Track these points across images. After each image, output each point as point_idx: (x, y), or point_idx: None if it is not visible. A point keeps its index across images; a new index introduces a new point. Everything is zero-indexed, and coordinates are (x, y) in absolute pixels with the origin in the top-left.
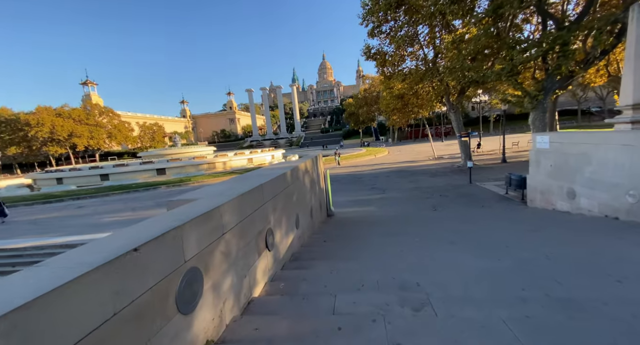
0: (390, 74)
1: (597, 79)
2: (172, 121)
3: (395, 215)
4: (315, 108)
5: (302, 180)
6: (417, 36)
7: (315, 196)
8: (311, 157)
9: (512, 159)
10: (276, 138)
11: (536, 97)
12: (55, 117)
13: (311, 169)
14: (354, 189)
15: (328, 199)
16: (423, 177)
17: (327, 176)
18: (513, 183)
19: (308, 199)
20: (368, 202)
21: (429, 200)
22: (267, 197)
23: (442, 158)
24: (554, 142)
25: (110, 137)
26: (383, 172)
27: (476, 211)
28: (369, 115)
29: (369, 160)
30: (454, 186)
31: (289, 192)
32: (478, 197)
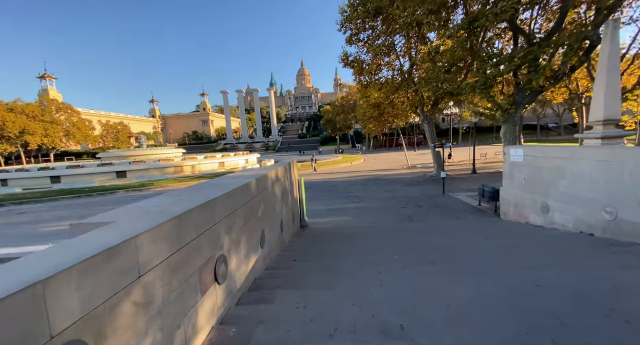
0: (367, 83)
1: (558, 96)
2: (140, 121)
3: (372, 226)
4: (293, 113)
5: (271, 189)
6: (394, 46)
7: (287, 207)
8: (283, 164)
9: (482, 170)
10: (252, 141)
11: (508, 110)
12: (5, 112)
13: (283, 176)
14: (329, 196)
15: (302, 209)
16: (398, 186)
17: (302, 184)
18: (486, 195)
19: (278, 211)
20: (344, 211)
21: (405, 211)
22: (221, 215)
23: (415, 167)
24: (528, 155)
25: (67, 136)
26: (359, 180)
27: (451, 223)
28: (345, 123)
29: (345, 167)
30: (428, 196)
31: (253, 206)
32: (452, 208)
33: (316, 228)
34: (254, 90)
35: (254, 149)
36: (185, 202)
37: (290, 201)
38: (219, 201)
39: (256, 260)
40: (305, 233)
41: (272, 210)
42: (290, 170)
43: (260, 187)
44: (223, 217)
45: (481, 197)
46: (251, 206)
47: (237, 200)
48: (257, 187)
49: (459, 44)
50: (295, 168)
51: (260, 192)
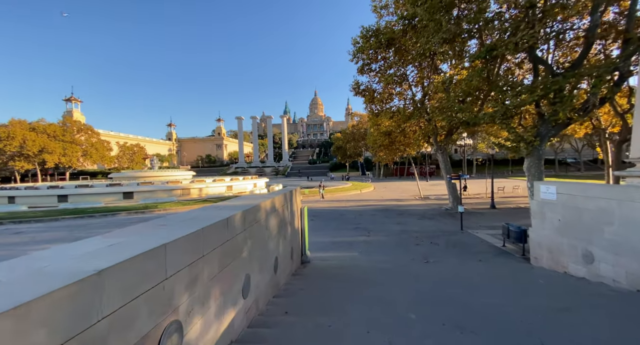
0: (378, 112)
1: (581, 130)
2: (156, 143)
3: (382, 266)
4: (304, 140)
5: (264, 222)
6: (406, 76)
7: (285, 241)
8: (283, 192)
9: (501, 204)
10: (262, 166)
11: (532, 142)
12: (28, 132)
13: (282, 206)
14: (336, 227)
15: (304, 242)
16: (411, 219)
17: (305, 213)
18: (512, 235)
19: (272, 248)
20: (351, 245)
21: (419, 248)
22: (178, 265)
23: (429, 198)
24: (563, 193)
25: (85, 156)
26: (368, 210)
27: (474, 267)
28: (356, 150)
29: (355, 195)
30: (444, 232)
31: (235, 245)
32: (473, 248)
33: (319, 265)
34: (267, 117)
35: (264, 173)
36: (122, 249)
37: (289, 234)
38: (174, 246)
39: (235, 316)
40: (306, 271)
41: (264, 247)
42: (291, 199)
43: (248, 220)
44: (182, 267)
45: (506, 237)
46: (233, 246)
47: (210, 241)
48: (243, 221)
49: (476, 73)
50: (299, 196)
51: (249, 226)
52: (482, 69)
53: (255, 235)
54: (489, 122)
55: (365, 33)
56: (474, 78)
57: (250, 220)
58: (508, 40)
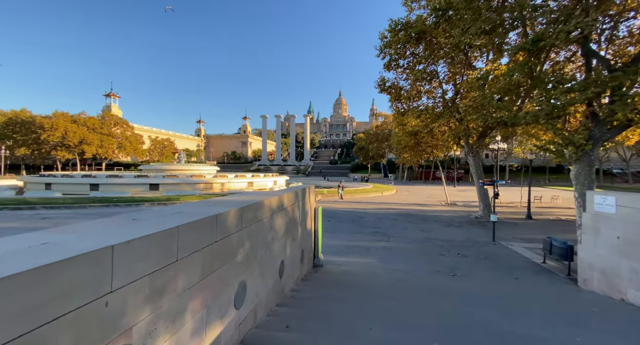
0: (405, 110)
1: (634, 136)
2: (186, 138)
3: (401, 277)
4: (327, 140)
5: (268, 222)
6: (437, 73)
7: (295, 243)
8: (294, 189)
9: (538, 215)
10: (284, 164)
11: (582, 147)
12: (69, 124)
13: (292, 204)
14: (353, 230)
15: (316, 244)
16: (436, 226)
17: (319, 214)
18: (555, 251)
19: (278, 250)
20: (368, 250)
21: (445, 259)
22: (129, 274)
23: (456, 205)
24: (625, 206)
25: (120, 148)
26: (389, 214)
27: (510, 287)
28: (379, 152)
29: (375, 197)
30: (473, 243)
31: (226, 247)
32: (507, 262)
33: (332, 270)
34: (291, 116)
35: (285, 171)
36: (53, 249)
37: (300, 235)
38: (129, 248)
39: (222, 331)
40: (317, 276)
41: (267, 249)
42: (303, 198)
43: (246, 219)
44: (141, 275)
45: (547, 253)
46: (224, 247)
47: (189, 241)
48: (239, 219)
49: (519, 67)
50: (312, 194)
51: (247, 226)
52: (525, 62)
53: (256, 236)
54: (531, 122)
55: (394, 26)
56: (515, 72)
57: (250, 219)
58: (559, 28)
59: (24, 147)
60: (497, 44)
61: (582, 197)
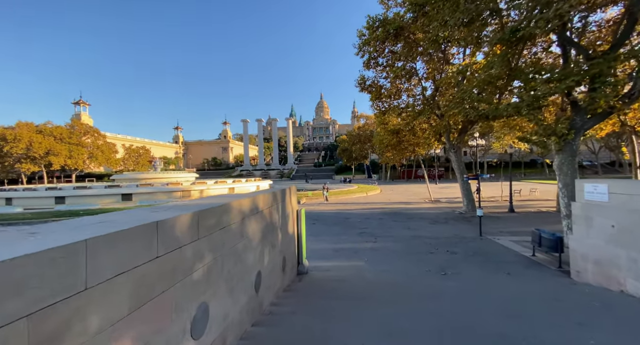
0: (386, 109)
1: (607, 127)
2: (163, 146)
3: (392, 280)
4: (310, 143)
5: (237, 228)
6: (416, 71)
7: (275, 250)
8: (272, 191)
9: (520, 208)
10: (267, 169)
11: (564, 136)
12: (35, 134)
13: (269, 207)
14: (340, 232)
15: (300, 250)
16: (422, 223)
17: (302, 217)
18: (544, 243)
19: (252, 261)
20: (355, 253)
21: (434, 258)
22: None
23: (439, 201)
24: (619, 193)
25: (91, 158)
26: (375, 213)
27: (503, 281)
28: (362, 153)
29: (360, 197)
30: (461, 239)
31: (167, 266)
32: (497, 257)
33: (317, 277)
34: (273, 120)
35: (269, 176)
36: None
37: (280, 241)
38: None
39: None
40: (301, 286)
41: (238, 261)
42: (283, 199)
43: (206, 225)
44: (8, 321)
45: (536, 246)
46: (169, 265)
47: (106, 261)
48: (194, 227)
49: (499, 59)
50: (294, 196)
51: (207, 234)
52: (504, 54)
53: (221, 246)
54: (513, 114)
55: (372, 23)
56: (495, 64)
57: (211, 226)
58: (538, 16)
59: None
60: (476, 36)
61: (567, 187)
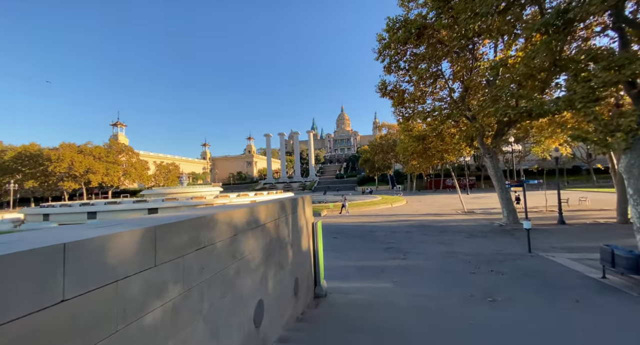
0: (410, 115)
1: None
2: (191, 162)
3: (427, 306)
4: (332, 155)
5: (228, 247)
6: (442, 73)
7: (284, 271)
8: (279, 200)
9: (571, 219)
10: (290, 181)
11: (633, 132)
12: (76, 154)
13: (274, 220)
14: (363, 247)
15: (317, 269)
16: (457, 237)
17: (319, 230)
18: (619, 262)
19: (250, 289)
20: (382, 271)
21: (476, 278)
22: None
23: (474, 213)
24: None
25: (125, 175)
26: (402, 226)
27: (572, 312)
28: (384, 163)
29: (384, 209)
30: (506, 256)
31: (94, 311)
32: (556, 279)
33: (337, 302)
34: (294, 133)
35: (291, 188)
36: None
37: (291, 260)
38: None
39: None
40: (318, 314)
41: (227, 289)
42: (295, 210)
43: (170, 246)
44: None
45: (607, 266)
46: (93, 309)
47: None
48: (144, 248)
49: (543, 47)
50: (308, 207)
51: (174, 257)
52: (549, 40)
53: (200, 272)
54: (563, 109)
55: (392, 25)
56: (539, 52)
57: (180, 246)
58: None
59: (32, 180)
60: (512, 24)
61: (639, 194)
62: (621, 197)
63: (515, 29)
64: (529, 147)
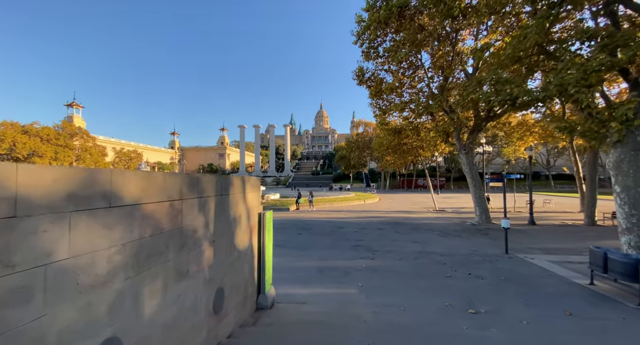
0: (387, 107)
1: None
2: (157, 151)
3: (398, 323)
4: (309, 151)
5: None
6: (422, 64)
7: (191, 282)
8: (189, 175)
9: (540, 220)
10: (264, 176)
11: (628, 122)
12: (19, 134)
13: (170, 200)
14: (330, 244)
15: (262, 274)
16: (430, 236)
17: (267, 223)
18: (614, 268)
19: (89, 325)
20: (347, 274)
21: (454, 283)
22: None
23: (445, 211)
24: None
25: (78, 160)
26: (373, 223)
27: (569, 329)
28: (360, 160)
29: (357, 205)
30: (483, 256)
31: None
32: (540, 286)
33: (285, 316)
34: (271, 127)
35: (265, 183)
36: None
37: (207, 263)
38: None
39: None
40: (253, 335)
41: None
42: (227, 192)
43: None
44: None
45: (598, 271)
46: None
47: None
48: None
49: (536, 23)
50: (253, 192)
51: None
52: (543, 15)
53: None
54: (554, 95)
55: (373, 3)
56: (531, 31)
57: None
58: None
59: None
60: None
61: (628, 191)
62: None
63: (505, 5)
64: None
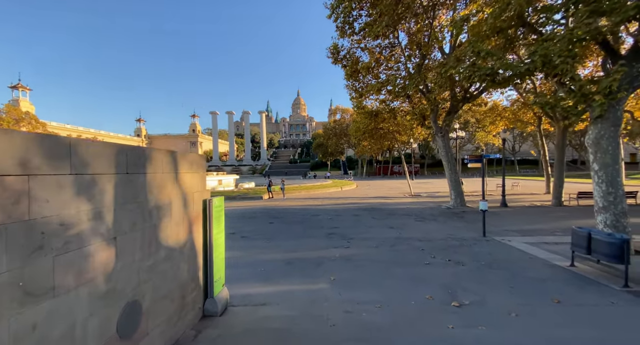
0: (363, 89)
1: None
2: (122, 139)
3: (373, 323)
4: (286, 140)
5: None
6: (399, 42)
7: (79, 305)
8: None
9: (511, 203)
10: (239, 164)
11: (612, 95)
12: None
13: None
14: (302, 233)
15: (210, 273)
16: (407, 221)
17: (216, 214)
18: (598, 248)
19: None
20: (318, 266)
21: (433, 271)
22: None
23: (420, 196)
24: None
25: None
26: (350, 209)
27: (564, 320)
28: (337, 148)
29: (334, 192)
30: (461, 241)
31: None
32: (522, 270)
33: (238, 326)
34: (245, 113)
35: (240, 171)
36: None
37: (107, 270)
38: None
39: None
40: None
41: None
42: (143, 169)
43: None
44: None
45: (581, 252)
46: None
47: None
48: None
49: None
50: (194, 173)
51: None
52: None
53: None
54: (537, 67)
55: None
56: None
57: None
58: None
59: None
60: None
61: (606, 169)
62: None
63: None
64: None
